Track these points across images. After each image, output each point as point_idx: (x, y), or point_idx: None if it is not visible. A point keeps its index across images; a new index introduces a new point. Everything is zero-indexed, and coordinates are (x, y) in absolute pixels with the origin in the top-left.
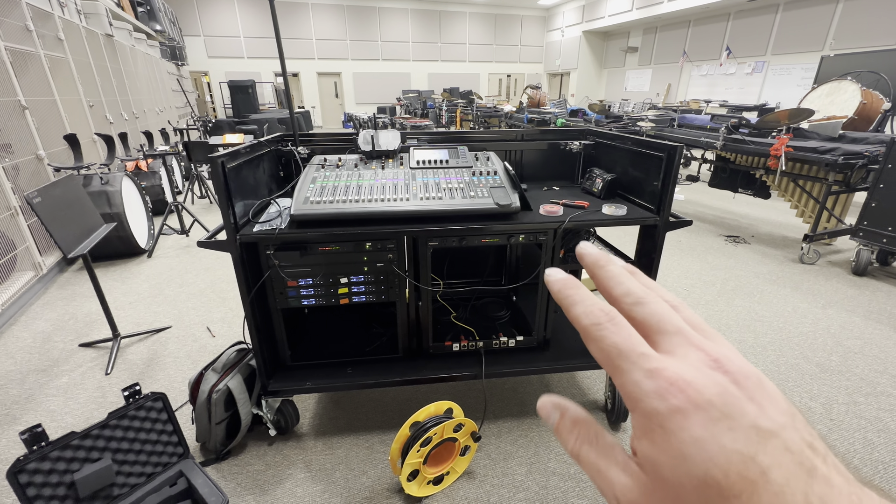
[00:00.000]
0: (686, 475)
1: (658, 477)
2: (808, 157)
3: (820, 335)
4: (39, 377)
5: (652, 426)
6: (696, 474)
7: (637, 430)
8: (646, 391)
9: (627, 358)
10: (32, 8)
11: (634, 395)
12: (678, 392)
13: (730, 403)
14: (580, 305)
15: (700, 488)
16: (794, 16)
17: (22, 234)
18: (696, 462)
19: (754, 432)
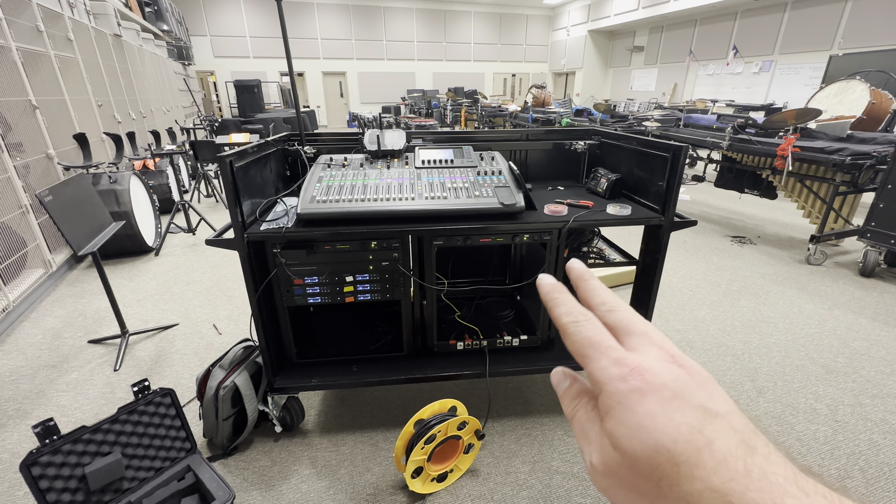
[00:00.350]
0: (640, 443)
1: (618, 447)
2: (816, 157)
3: (826, 336)
4: (50, 373)
5: (613, 404)
6: (649, 443)
7: (602, 411)
8: (610, 375)
9: (597, 349)
10: (43, 9)
11: (601, 378)
12: (637, 375)
13: (682, 387)
14: (563, 306)
15: (652, 455)
16: (802, 14)
17: (32, 232)
18: (649, 432)
19: (702, 412)
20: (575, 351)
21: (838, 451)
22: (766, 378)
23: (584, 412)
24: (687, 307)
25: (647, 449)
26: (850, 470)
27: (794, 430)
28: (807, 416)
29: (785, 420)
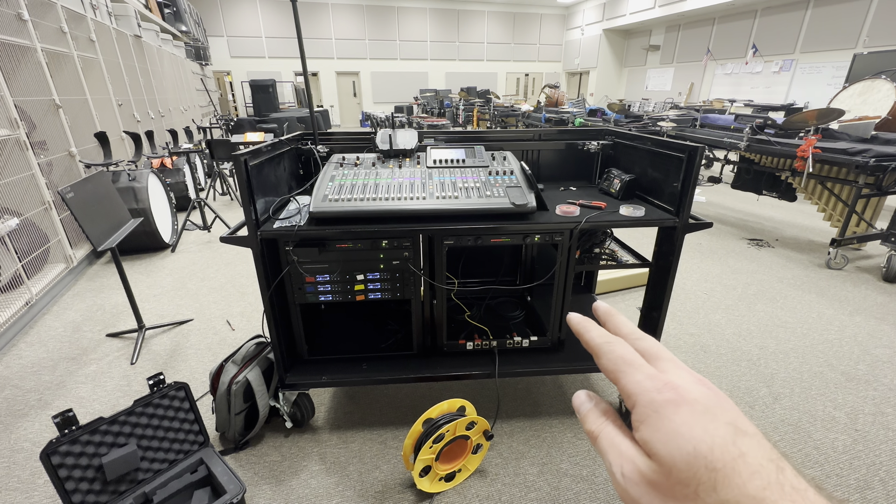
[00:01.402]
0: (678, 450)
1: (654, 453)
2: (838, 158)
3: (846, 343)
4: (70, 365)
5: (648, 413)
6: (687, 449)
7: (635, 422)
8: (645, 387)
9: (631, 365)
10: (67, 10)
11: (635, 391)
12: (671, 389)
13: (712, 404)
14: (594, 331)
15: (689, 461)
16: (825, 12)
17: (55, 228)
18: (685, 439)
19: (732, 428)
20: (609, 368)
21: (857, 461)
22: (783, 384)
23: (611, 428)
24: (701, 311)
25: (684, 455)
26: (870, 481)
27: (812, 438)
28: (825, 424)
29: (802, 428)
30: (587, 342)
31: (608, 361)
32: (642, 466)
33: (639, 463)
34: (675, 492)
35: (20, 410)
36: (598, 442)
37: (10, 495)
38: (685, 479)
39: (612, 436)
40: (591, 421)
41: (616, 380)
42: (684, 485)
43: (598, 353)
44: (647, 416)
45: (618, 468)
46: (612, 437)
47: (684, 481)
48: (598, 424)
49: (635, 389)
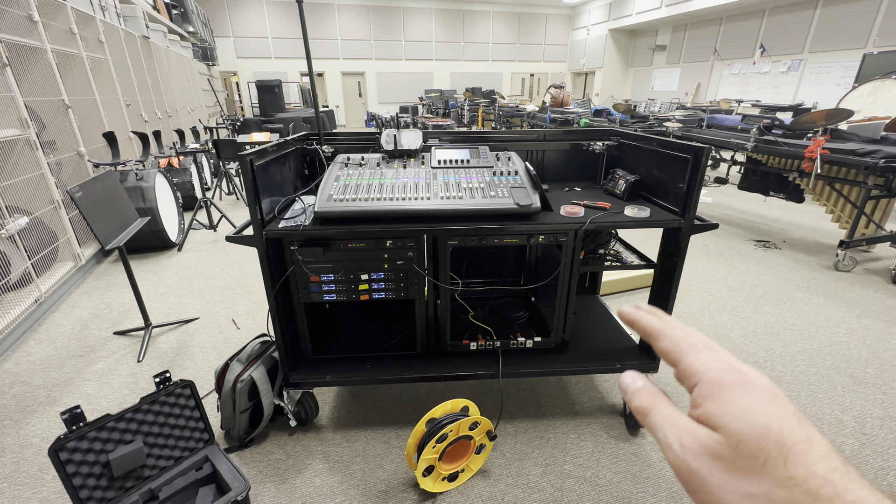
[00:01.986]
0: (749, 425)
1: (722, 427)
2: (846, 159)
3: (854, 346)
4: (77, 362)
5: (716, 389)
6: (758, 425)
7: (698, 397)
8: (712, 367)
9: (695, 347)
10: (77, 12)
11: (701, 369)
12: (738, 372)
13: (777, 393)
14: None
15: (760, 436)
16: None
17: (63, 227)
18: (756, 416)
19: (797, 416)
20: (670, 349)
21: (865, 466)
22: (790, 387)
23: (665, 403)
24: (707, 312)
25: (755, 430)
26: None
27: None
28: (832, 428)
29: None
30: (645, 327)
31: (670, 342)
32: (704, 438)
33: (700, 435)
34: (740, 464)
35: (29, 407)
36: (650, 416)
37: (19, 490)
38: (753, 451)
39: (667, 410)
40: (643, 397)
41: (678, 359)
42: (752, 457)
43: (658, 335)
44: (714, 393)
45: (675, 439)
46: (666, 412)
47: (752, 454)
48: (650, 400)
49: (701, 368)
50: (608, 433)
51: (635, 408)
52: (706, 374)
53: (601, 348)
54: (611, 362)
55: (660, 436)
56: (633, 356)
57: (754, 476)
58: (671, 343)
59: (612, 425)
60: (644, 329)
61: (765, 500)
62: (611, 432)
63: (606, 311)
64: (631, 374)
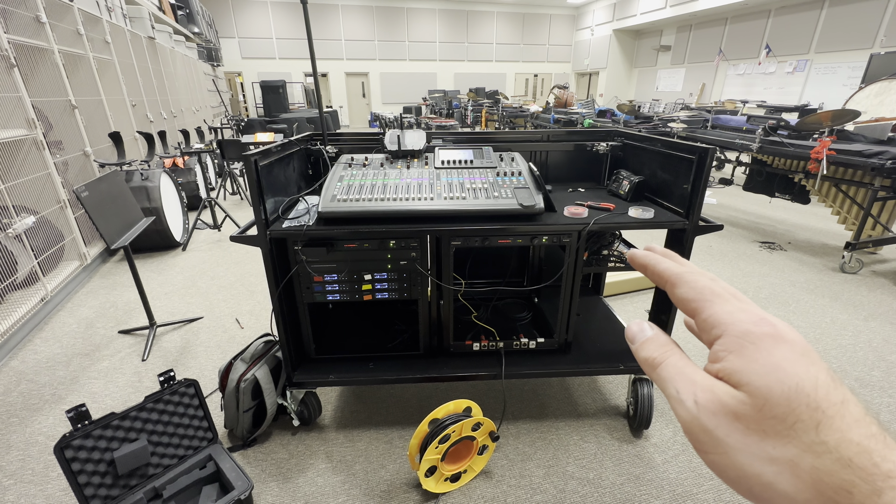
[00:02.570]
0: (777, 382)
1: (746, 384)
2: (853, 160)
3: (861, 348)
4: (83, 361)
5: (743, 343)
6: (789, 383)
7: (721, 351)
8: (739, 318)
9: (720, 296)
10: (83, 13)
11: (726, 320)
12: (769, 325)
13: (809, 349)
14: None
15: (789, 394)
16: (840, 11)
17: (69, 226)
18: (788, 374)
19: (832, 376)
20: (689, 297)
21: None
22: None
23: (678, 356)
24: None
25: (785, 389)
26: None
27: None
28: None
29: None
30: (661, 272)
31: (690, 290)
32: (724, 396)
33: (720, 392)
34: (764, 425)
35: (35, 405)
36: (661, 368)
37: (24, 487)
38: (781, 413)
39: (681, 364)
40: (653, 348)
41: (699, 309)
42: (779, 420)
43: (676, 281)
44: (740, 346)
45: (688, 395)
46: (680, 365)
47: (780, 416)
48: (661, 351)
49: (727, 319)
50: (611, 435)
51: (643, 359)
52: (732, 326)
53: (604, 349)
54: (614, 364)
55: (671, 390)
56: None
57: (779, 439)
58: (692, 290)
59: (615, 427)
60: (660, 274)
61: (788, 466)
62: (614, 434)
63: (610, 313)
64: (638, 323)
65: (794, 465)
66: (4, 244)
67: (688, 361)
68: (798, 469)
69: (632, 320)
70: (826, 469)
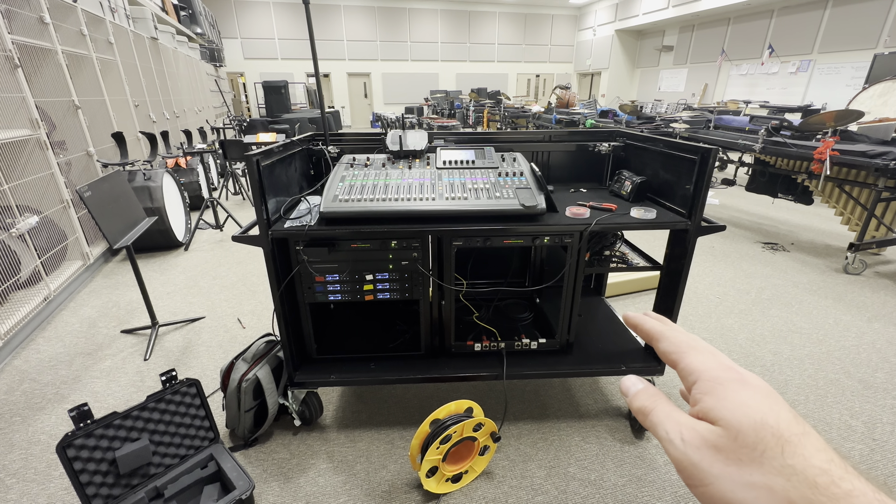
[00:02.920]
0: (746, 417)
1: (720, 419)
2: (856, 161)
3: (864, 350)
4: (85, 360)
5: (714, 386)
6: (755, 417)
7: (698, 394)
8: (710, 366)
9: (695, 349)
10: (87, 13)
11: (700, 368)
12: (735, 372)
13: (771, 391)
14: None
15: (757, 428)
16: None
17: (72, 226)
18: (754, 410)
19: (793, 413)
20: (670, 350)
21: (875, 471)
22: (797, 391)
23: (665, 402)
24: (713, 315)
25: (752, 422)
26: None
27: None
28: (841, 433)
29: None
30: (648, 330)
31: (670, 344)
32: (704, 432)
33: (700, 429)
34: (740, 454)
35: (38, 404)
36: (651, 415)
37: (27, 486)
38: (751, 443)
39: (668, 409)
40: (644, 398)
41: (677, 360)
42: (751, 448)
43: (659, 336)
44: (712, 389)
45: (676, 434)
46: (667, 410)
47: (751, 445)
48: (651, 401)
49: (700, 367)
50: (613, 436)
51: (636, 409)
52: (704, 373)
53: (606, 350)
54: (616, 364)
55: (661, 433)
56: (639, 358)
57: (753, 466)
58: (671, 345)
59: (616, 428)
60: (647, 332)
61: (764, 489)
62: (616, 435)
63: (612, 313)
64: (631, 379)
65: (770, 489)
66: (8, 244)
67: (673, 407)
68: (773, 492)
69: (626, 375)
70: (796, 490)
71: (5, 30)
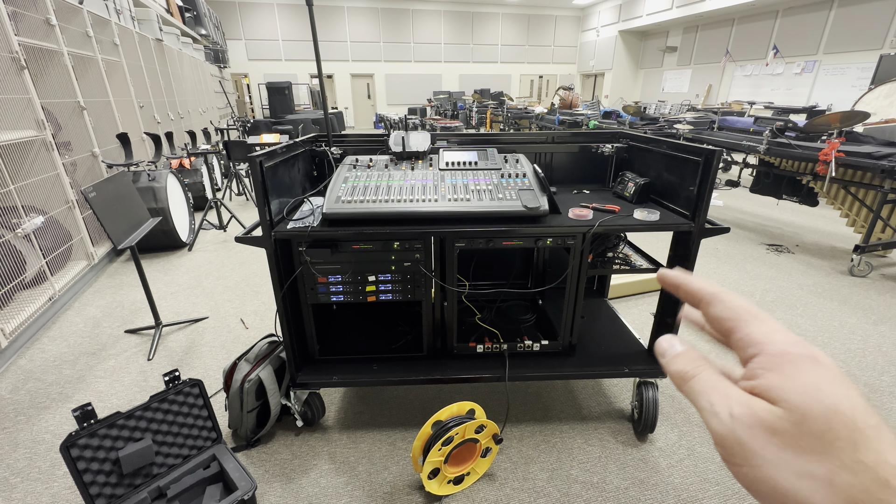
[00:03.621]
0: (816, 401)
1: (784, 400)
2: (862, 162)
3: (870, 353)
4: (90, 360)
5: (781, 362)
6: (827, 402)
7: (757, 369)
8: (777, 339)
9: (756, 317)
10: (92, 15)
11: (763, 339)
12: (806, 347)
13: (842, 374)
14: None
15: (827, 414)
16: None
17: (77, 226)
18: (826, 394)
19: (865, 401)
20: (724, 316)
21: None
22: None
23: (711, 371)
24: None
25: (823, 408)
26: None
27: None
28: None
29: None
30: (695, 291)
31: (726, 309)
32: (761, 411)
33: (756, 407)
34: (802, 441)
35: (42, 403)
36: (693, 381)
37: (31, 485)
38: (819, 431)
39: (714, 378)
40: (685, 361)
41: (735, 328)
42: (817, 437)
43: (711, 300)
44: (778, 365)
45: (724, 408)
46: (713, 380)
47: (817, 433)
48: (694, 365)
49: (763, 339)
50: (616, 438)
51: (674, 372)
52: (770, 346)
53: (609, 352)
54: (619, 367)
55: (704, 403)
56: (642, 360)
57: (816, 456)
58: (728, 310)
59: (619, 430)
60: (694, 293)
61: (824, 482)
62: (618, 438)
63: (615, 315)
64: (668, 339)
65: (831, 482)
66: (14, 244)
67: (721, 377)
68: (834, 486)
69: (663, 336)
70: (863, 487)
71: (12, 32)
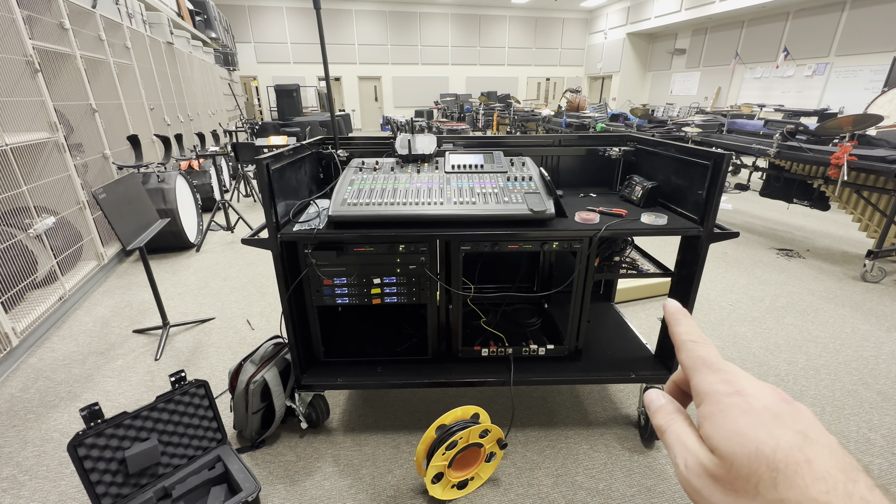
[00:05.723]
0: (740, 447)
1: (717, 449)
2: (875, 166)
3: (883, 360)
4: (98, 359)
5: (715, 411)
6: (749, 447)
7: (701, 418)
8: (716, 389)
9: (710, 367)
10: (105, 19)
11: (706, 390)
12: (740, 396)
13: (783, 414)
14: (684, 326)
15: (751, 459)
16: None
17: (88, 227)
18: (748, 438)
19: (802, 436)
20: (687, 364)
21: (895, 487)
22: (813, 402)
23: (679, 424)
24: (726, 323)
25: (746, 452)
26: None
27: None
28: (859, 447)
29: None
30: (674, 334)
31: (687, 357)
32: (704, 460)
33: (701, 457)
34: (735, 485)
35: (51, 402)
36: (665, 435)
37: (39, 483)
38: (745, 474)
39: (679, 431)
40: (662, 416)
41: (690, 376)
42: (745, 480)
43: (680, 347)
44: (712, 414)
45: (682, 460)
46: (678, 432)
47: (745, 476)
48: (667, 420)
49: (706, 389)
50: (622, 445)
51: (654, 425)
52: (708, 396)
53: (615, 357)
54: (625, 372)
55: (671, 454)
56: (649, 366)
57: (748, 497)
58: (688, 358)
59: (626, 437)
60: (672, 336)
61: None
62: (625, 444)
63: (621, 320)
64: (654, 393)
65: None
66: (25, 244)
67: (685, 428)
68: None
69: (651, 389)
70: None
71: (27, 36)
